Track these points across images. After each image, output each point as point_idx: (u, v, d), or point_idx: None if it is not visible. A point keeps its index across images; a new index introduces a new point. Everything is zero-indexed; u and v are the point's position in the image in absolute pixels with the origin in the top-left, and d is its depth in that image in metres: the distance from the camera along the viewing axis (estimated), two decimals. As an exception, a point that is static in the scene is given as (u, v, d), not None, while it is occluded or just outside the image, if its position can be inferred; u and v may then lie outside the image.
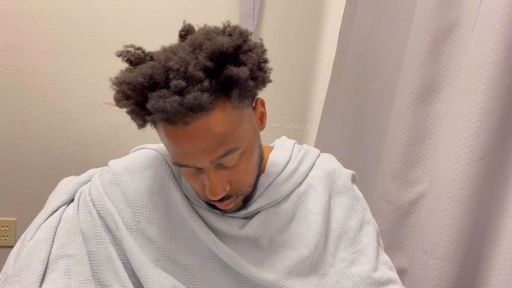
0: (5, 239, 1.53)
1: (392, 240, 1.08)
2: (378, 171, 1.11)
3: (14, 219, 1.53)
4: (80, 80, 1.46)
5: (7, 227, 1.53)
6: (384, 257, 0.76)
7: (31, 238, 0.65)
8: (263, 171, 0.72)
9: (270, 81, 0.62)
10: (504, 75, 0.79)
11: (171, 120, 0.54)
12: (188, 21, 0.63)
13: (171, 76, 0.53)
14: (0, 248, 1.53)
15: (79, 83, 1.46)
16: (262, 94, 0.64)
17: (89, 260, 0.66)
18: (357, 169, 1.21)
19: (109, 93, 1.57)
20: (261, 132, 0.67)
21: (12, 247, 0.69)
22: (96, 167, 1.43)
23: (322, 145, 1.37)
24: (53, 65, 1.43)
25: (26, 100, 1.44)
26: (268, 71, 0.61)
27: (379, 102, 1.14)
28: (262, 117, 0.66)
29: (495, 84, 0.79)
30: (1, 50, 1.39)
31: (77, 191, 0.72)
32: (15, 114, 1.45)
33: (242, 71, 0.54)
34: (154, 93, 0.53)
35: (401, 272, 1.05)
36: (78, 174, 0.98)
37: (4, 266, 0.65)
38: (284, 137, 0.83)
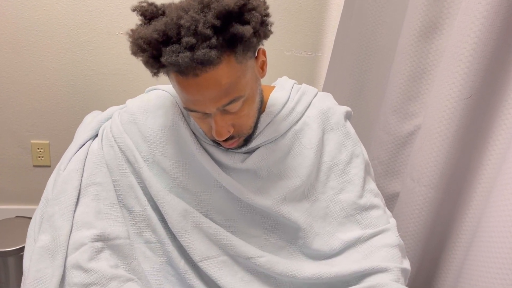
0: (41, 160, 1.70)
1: (390, 167, 1.17)
2: (381, 104, 1.17)
3: (47, 141, 1.68)
4: (97, 11, 1.51)
5: (41, 149, 1.69)
6: (371, 185, 0.86)
7: (65, 169, 0.77)
8: (264, 111, 0.80)
9: (271, 33, 0.67)
10: (497, 16, 0.81)
11: (183, 72, 0.61)
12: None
13: (182, 33, 0.60)
14: (38, 167, 1.70)
15: (96, 14, 1.51)
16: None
17: (114, 187, 0.78)
18: (364, 102, 1.28)
19: (125, 23, 1.61)
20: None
21: (47, 166, 0.81)
22: (117, 95, 1.52)
23: (333, 74, 1.41)
24: (70, -4, 1.47)
25: (47, 31, 1.51)
26: (270, 24, 0.66)
27: (387, 35, 1.17)
28: (263, 66, 0.73)
29: (487, 26, 0.81)
30: (20, -18, 1.43)
31: (100, 127, 0.83)
32: (39, 46, 1.53)
33: (247, 30, 0.60)
34: (167, 48, 0.60)
35: (394, 197, 1.16)
36: (100, 102, 1.08)
37: (44, 191, 0.78)
38: (285, 77, 0.89)
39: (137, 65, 1.59)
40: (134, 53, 0.63)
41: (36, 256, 0.70)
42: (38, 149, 1.69)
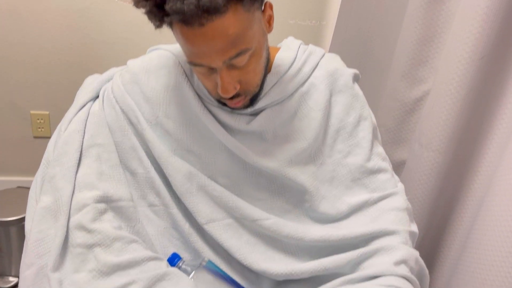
0: (41, 130, 1.68)
1: (397, 135, 1.15)
2: (389, 70, 1.14)
3: (47, 112, 1.66)
4: (96, -24, 1.46)
5: (42, 119, 1.66)
6: (379, 149, 0.84)
7: (65, 130, 0.75)
8: (270, 71, 0.77)
9: None
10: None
11: (187, 21, 0.58)
12: None
13: None
14: (38, 138, 1.69)
15: (95, -21, 1.47)
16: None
17: (116, 149, 0.76)
18: (370, 69, 1.25)
19: (125, -9, 1.53)
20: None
21: (48, 137, 0.79)
22: (117, 64, 1.49)
23: (338, 42, 1.38)
24: (67, -40, 1.43)
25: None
26: None
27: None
28: (270, 20, 0.70)
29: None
30: None
31: (101, 88, 0.80)
32: (37, 13, 1.49)
33: None
34: None
35: (401, 165, 1.14)
36: (100, 71, 1.03)
37: (45, 153, 0.76)
38: (290, 38, 0.86)
39: (138, 33, 1.56)
40: (137, 2, 0.60)
41: (38, 217, 0.69)
42: (38, 119, 1.66)
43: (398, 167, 1.14)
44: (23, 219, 1.38)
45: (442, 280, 0.94)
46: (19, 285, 0.66)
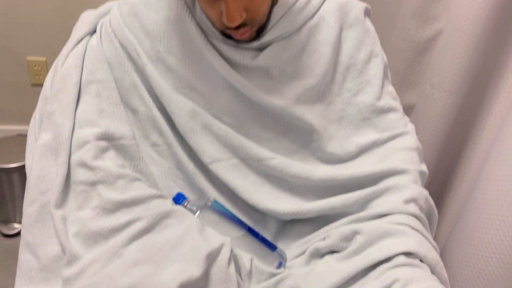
0: (38, 78, 1.64)
1: (406, 77, 1.11)
2: (399, 9, 1.09)
3: (44, 59, 1.61)
4: None
5: (39, 66, 1.62)
6: (389, 88, 0.81)
7: (63, 65, 0.72)
8: (277, 3, 0.73)
9: None
10: None
11: None
12: None
13: None
14: (36, 86, 1.65)
15: None
16: None
17: (116, 86, 0.73)
18: (378, 7, 1.18)
19: None
20: None
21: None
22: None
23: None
24: None
25: None
26: None
27: None
28: None
29: None
30: None
31: (98, 22, 0.76)
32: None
33: None
34: None
35: (410, 109, 1.11)
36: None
37: (42, 89, 0.73)
38: None
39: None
40: None
41: (38, 154, 0.67)
42: (35, 66, 1.62)
43: (406, 111, 1.10)
44: (25, 166, 1.38)
45: (450, 221, 0.93)
46: (22, 222, 0.65)
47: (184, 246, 0.62)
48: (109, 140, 0.69)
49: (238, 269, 0.68)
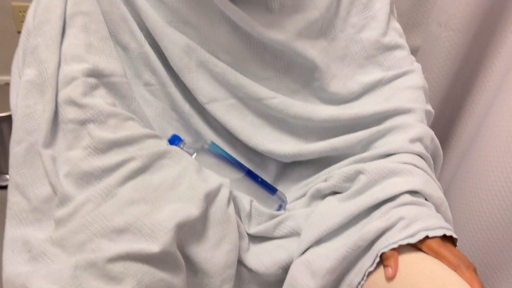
0: (25, 25, 1.56)
1: (411, 18, 1.06)
2: None
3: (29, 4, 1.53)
4: None
5: (24, 12, 1.54)
6: (395, 24, 0.76)
7: (44, -4, 0.66)
8: None
9: None
10: None
11: None
12: None
13: None
14: (22, 33, 1.58)
15: None
16: None
17: (104, 19, 0.68)
18: None
19: None
20: None
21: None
22: None
23: None
24: None
25: None
26: None
27: None
28: None
29: None
30: None
31: None
32: None
33: None
34: None
35: (414, 51, 1.06)
36: None
37: (24, 23, 0.68)
38: None
39: None
40: None
41: (23, 91, 0.62)
42: (21, 12, 1.54)
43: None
44: (14, 116, 1.34)
45: (453, 164, 0.91)
46: (10, 162, 0.62)
47: (181, 186, 0.59)
48: (98, 77, 0.64)
49: (237, 211, 0.66)
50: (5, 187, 1.39)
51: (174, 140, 0.70)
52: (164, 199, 0.57)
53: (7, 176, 1.40)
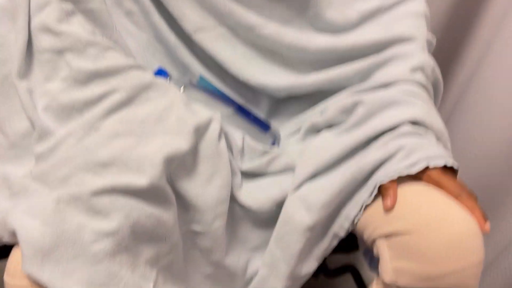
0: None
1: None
2: None
3: None
4: None
5: None
6: None
7: None
8: None
9: None
10: None
11: None
12: None
13: None
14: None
15: None
16: None
17: None
18: None
19: None
20: None
21: None
22: None
23: None
24: None
25: None
26: None
27: None
28: None
29: None
30: None
31: None
32: None
33: None
34: None
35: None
36: None
37: None
38: None
39: None
40: None
41: (-8, 19, 0.57)
42: None
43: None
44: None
45: (454, 95, 0.88)
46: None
47: (169, 119, 0.56)
48: (74, 2, 0.59)
49: (229, 147, 0.63)
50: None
51: (160, 74, 0.66)
52: (151, 132, 0.54)
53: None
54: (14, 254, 0.45)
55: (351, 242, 0.71)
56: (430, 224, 0.49)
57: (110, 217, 0.46)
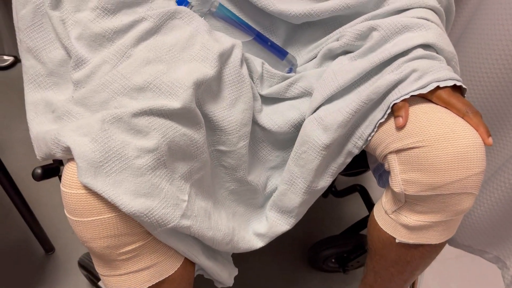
0: None
1: None
2: None
3: None
4: None
5: None
6: None
7: None
8: None
9: None
10: None
11: None
12: None
13: None
14: None
15: None
16: None
17: None
18: None
19: None
20: None
21: None
22: None
23: None
24: None
25: None
26: None
27: None
28: None
29: None
30: None
31: None
32: None
33: None
34: None
35: None
36: None
37: None
38: None
39: None
40: None
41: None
42: None
43: None
44: None
45: (463, 21, 0.89)
46: (19, 25, 0.59)
47: (195, 47, 0.59)
48: None
49: (249, 73, 0.66)
50: (4, 68, 1.37)
51: (181, 3, 0.68)
52: (179, 59, 0.57)
53: (5, 57, 1.38)
54: (68, 168, 0.50)
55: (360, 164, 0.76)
56: (438, 139, 0.54)
57: (149, 136, 0.51)
